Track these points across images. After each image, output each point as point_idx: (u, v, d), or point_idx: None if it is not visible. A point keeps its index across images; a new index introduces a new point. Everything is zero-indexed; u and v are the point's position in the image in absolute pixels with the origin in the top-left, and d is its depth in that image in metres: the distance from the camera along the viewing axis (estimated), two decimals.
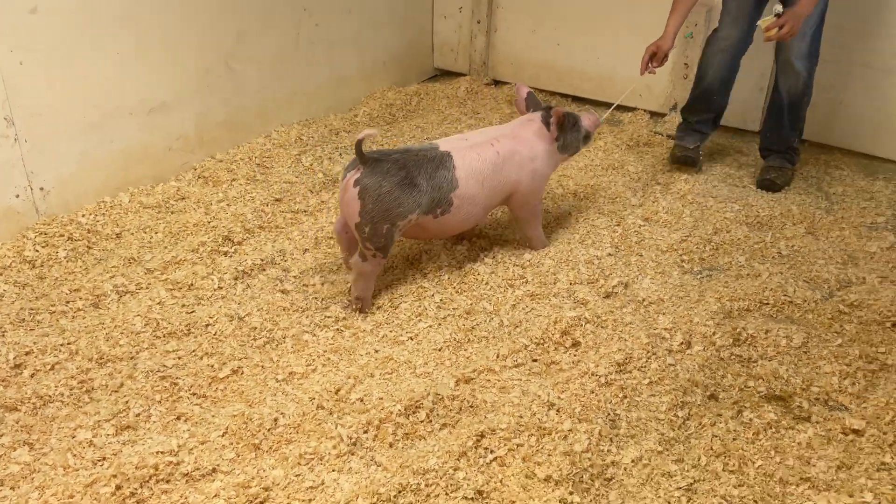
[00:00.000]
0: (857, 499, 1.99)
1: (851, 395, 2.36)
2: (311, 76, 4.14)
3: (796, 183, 3.72)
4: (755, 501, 2.00)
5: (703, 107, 3.71)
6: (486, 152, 2.76)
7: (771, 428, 2.23)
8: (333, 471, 2.04)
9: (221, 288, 2.80)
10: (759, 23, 3.25)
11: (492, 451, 2.10)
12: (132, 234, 3.09)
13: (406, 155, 2.62)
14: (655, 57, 3.39)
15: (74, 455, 2.07)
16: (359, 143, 2.49)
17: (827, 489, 2.03)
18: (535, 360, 2.48)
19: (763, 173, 3.68)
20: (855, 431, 2.21)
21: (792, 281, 2.90)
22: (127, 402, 2.24)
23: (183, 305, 2.69)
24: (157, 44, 3.31)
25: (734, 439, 2.18)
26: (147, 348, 2.48)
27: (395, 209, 2.55)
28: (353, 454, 2.10)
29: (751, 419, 2.26)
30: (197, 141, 3.60)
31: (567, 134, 2.94)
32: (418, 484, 1.99)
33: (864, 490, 2.01)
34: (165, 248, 3.01)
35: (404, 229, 2.66)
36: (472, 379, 2.38)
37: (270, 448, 2.12)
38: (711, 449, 2.15)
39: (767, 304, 2.78)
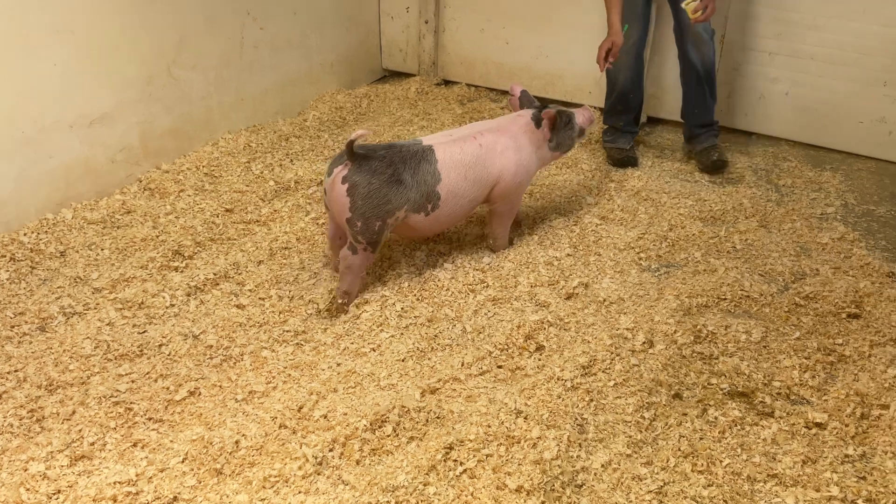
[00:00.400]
0: (824, 493, 2.02)
1: (812, 388, 2.39)
2: (257, 81, 4.05)
3: (747, 176, 3.77)
4: (725, 501, 2.01)
5: (623, 108, 3.85)
6: (469, 145, 2.79)
7: (736, 425, 2.24)
8: (300, 493, 1.99)
9: (174, 305, 2.71)
10: (683, 6, 3.40)
11: (461, 464, 2.07)
12: (77, 251, 2.98)
13: (391, 151, 2.63)
14: (612, 52, 3.43)
15: (28, 489, 1.98)
16: (350, 143, 2.51)
17: (794, 485, 2.05)
18: (500, 367, 2.46)
19: (706, 156, 3.79)
20: (818, 425, 2.24)
21: (748, 275, 2.93)
22: (80, 430, 2.15)
23: (134, 325, 2.60)
24: (96, 54, 3.19)
25: (701, 439, 2.19)
26: (98, 372, 2.39)
27: (384, 206, 2.59)
28: (319, 474, 2.05)
29: (716, 417, 2.27)
30: (141, 152, 3.49)
31: (560, 132, 2.99)
32: (388, 502, 1.95)
33: (831, 484, 2.04)
34: (113, 265, 2.91)
35: (394, 226, 2.67)
36: (438, 389, 2.35)
37: (233, 472, 2.05)
38: (679, 450, 2.15)
39: (725, 299, 2.81)
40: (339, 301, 2.69)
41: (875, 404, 2.30)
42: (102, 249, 3.00)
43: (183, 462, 2.06)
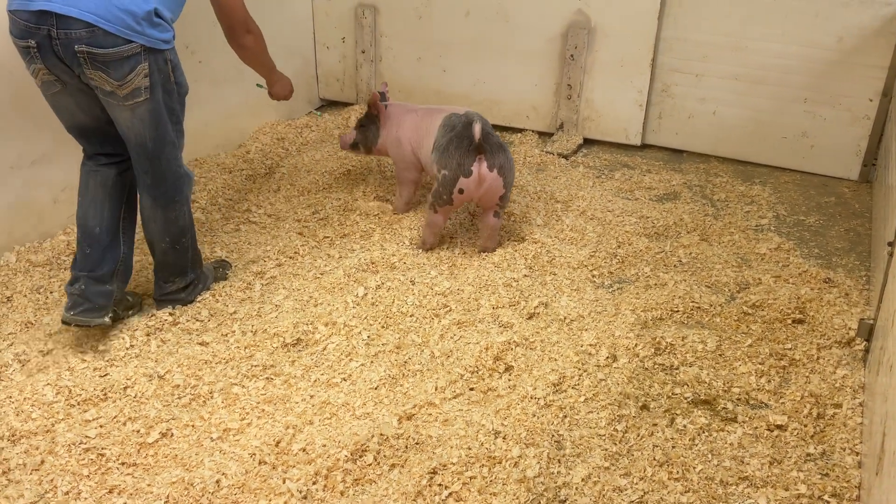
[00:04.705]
0: (793, 491, 2.12)
1: (769, 392, 2.51)
2: (196, 115, 3.99)
3: (683, 192, 3.92)
4: None
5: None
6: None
7: (703, 432, 2.33)
8: None
9: (134, 346, 2.65)
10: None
11: (446, 487, 2.09)
12: (25, 296, 2.88)
13: (484, 130, 3.02)
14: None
15: None
16: (480, 140, 2.95)
17: (764, 485, 2.15)
18: (471, 389, 2.50)
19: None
20: (779, 427, 2.35)
21: (696, 287, 3.06)
22: (52, 480, 2.08)
23: (95, 369, 2.53)
24: (35, 93, 3.10)
25: (673, 447, 2.27)
26: (63, 419, 2.31)
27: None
28: None
29: (684, 425, 2.35)
30: None
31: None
32: None
33: (798, 482, 2.14)
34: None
35: None
36: (414, 415, 2.36)
37: None
38: (654, 459, 2.22)
39: (678, 311, 2.92)
40: (489, 251, 3.25)
41: (829, 404, 2.43)
42: (51, 293, 2.91)
43: None
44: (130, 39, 2.37)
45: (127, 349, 2.63)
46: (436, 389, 2.46)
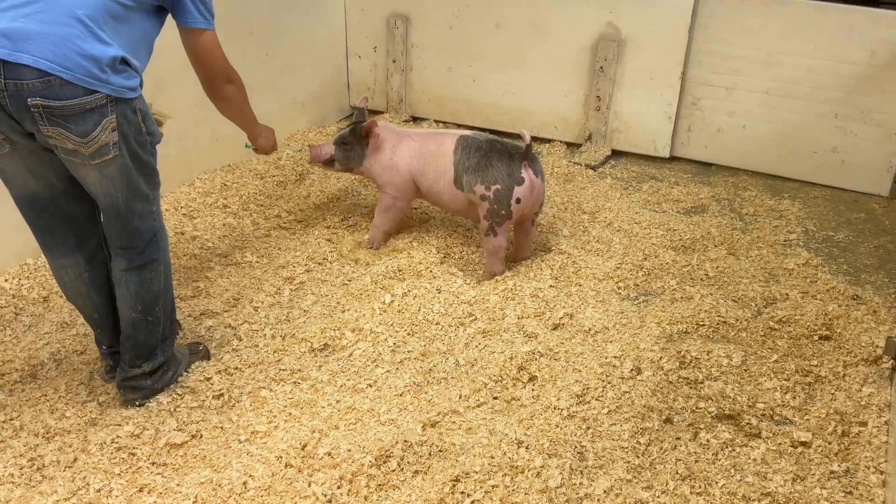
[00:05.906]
0: None
1: (794, 408, 2.50)
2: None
3: (711, 206, 3.92)
4: None
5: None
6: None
7: (727, 447, 2.34)
8: None
9: None
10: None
11: (469, 495, 2.11)
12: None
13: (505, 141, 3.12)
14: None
15: None
16: (529, 146, 2.97)
17: (787, 502, 2.14)
18: (495, 398, 2.52)
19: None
20: (803, 444, 2.35)
21: (722, 301, 3.06)
22: (85, 477, 2.14)
23: None
24: None
25: (696, 461, 2.27)
26: (96, 418, 2.37)
27: None
28: None
29: (708, 440, 2.36)
30: None
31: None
32: None
33: (821, 500, 2.14)
34: None
35: None
36: (438, 422, 2.39)
37: None
38: (677, 473, 2.23)
39: (704, 325, 2.92)
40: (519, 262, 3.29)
41: (854, 422, 2.42)
42: None
43: None
44: (94, 89, 1.98)
45: None
46: (460, 397, 2.49)
